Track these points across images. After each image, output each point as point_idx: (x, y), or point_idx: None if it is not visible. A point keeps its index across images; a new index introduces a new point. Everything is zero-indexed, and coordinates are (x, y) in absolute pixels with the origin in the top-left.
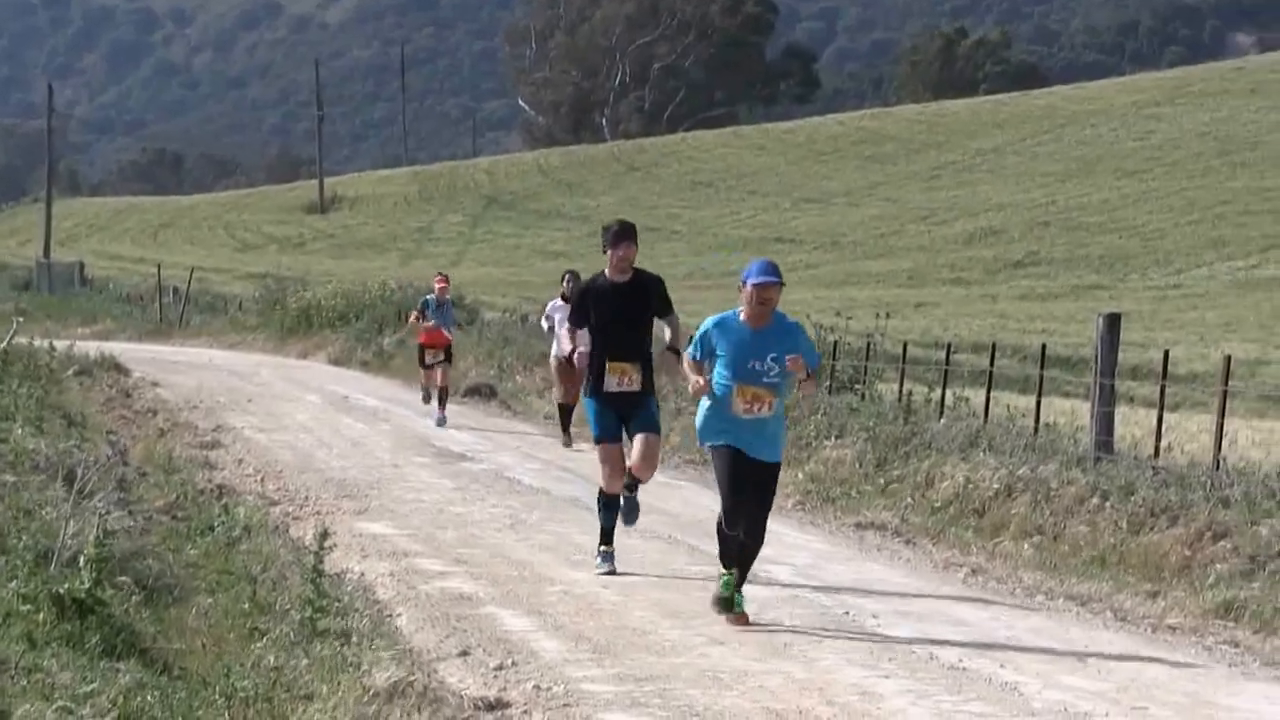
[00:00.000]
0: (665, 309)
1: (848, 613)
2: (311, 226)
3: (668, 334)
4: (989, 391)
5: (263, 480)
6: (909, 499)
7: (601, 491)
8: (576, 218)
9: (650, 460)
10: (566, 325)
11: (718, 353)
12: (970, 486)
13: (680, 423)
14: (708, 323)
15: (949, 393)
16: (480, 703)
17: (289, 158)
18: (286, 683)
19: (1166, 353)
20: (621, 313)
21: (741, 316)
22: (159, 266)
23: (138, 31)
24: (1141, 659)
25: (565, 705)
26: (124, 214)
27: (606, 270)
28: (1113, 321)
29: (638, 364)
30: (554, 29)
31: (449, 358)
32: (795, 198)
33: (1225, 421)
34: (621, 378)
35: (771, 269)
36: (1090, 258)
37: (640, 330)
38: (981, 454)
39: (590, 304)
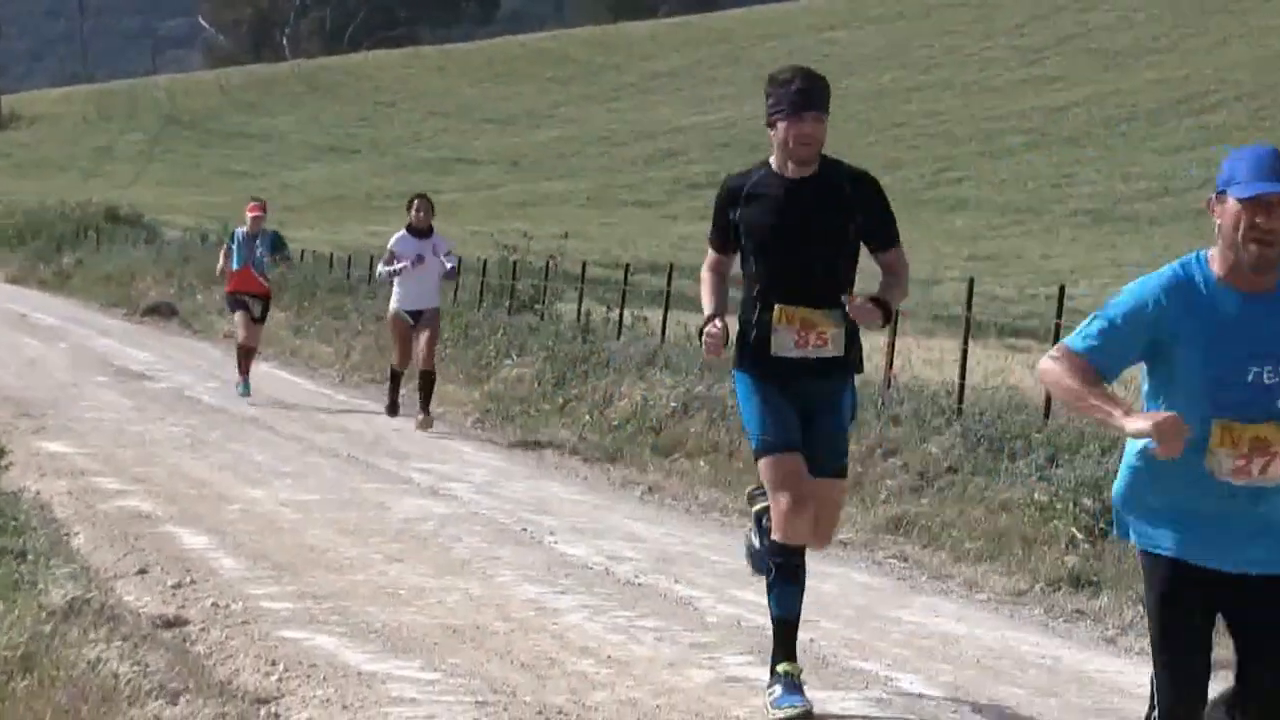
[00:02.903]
0: (886, 235)
1: (525, 529)
2: None
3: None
4: (666, 311)
5: None
6: (587, 417)
7: (767, 542)
8: (257, 137)
9: (832, 524)
10: (709, 257)
11: (1174, 350)
12: (647, 405)
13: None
14: (1150, 285)
15: (628, 312)
16: (158, 620)
17: None
18: None
19: None
20: (803, 228)
21: (1217, 271)
22: None
23: None
24: (813, 574)
25: (244, 623)
26: None
27: (773, 159)
28: None
29: (834, 314)
30: None
31: (265, 310)
32: (476, 118)
33: (896, 340)
34: (805, 334)
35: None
36: None
37: (835, 257)
38: (659, 373)
39: (742, 215)
